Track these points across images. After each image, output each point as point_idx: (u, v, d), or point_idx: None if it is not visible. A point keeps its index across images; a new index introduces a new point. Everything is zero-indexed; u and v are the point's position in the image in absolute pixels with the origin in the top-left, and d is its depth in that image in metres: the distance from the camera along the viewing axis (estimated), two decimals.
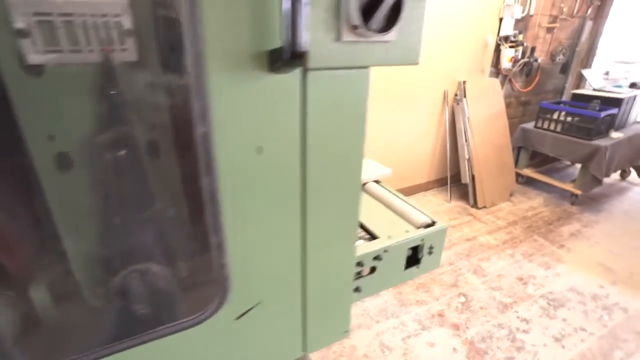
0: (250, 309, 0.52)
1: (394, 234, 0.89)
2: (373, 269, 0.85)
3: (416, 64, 0.48)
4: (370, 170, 1.22)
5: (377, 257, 0.83)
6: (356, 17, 0.38)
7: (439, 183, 3.24)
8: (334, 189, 0.50)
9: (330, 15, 0.38)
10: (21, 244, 0.41)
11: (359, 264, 0.81)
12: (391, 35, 0.43)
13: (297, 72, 0.40)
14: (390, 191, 1.14)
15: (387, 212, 1.03)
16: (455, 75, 2.86)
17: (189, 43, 0.33)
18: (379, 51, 0.43)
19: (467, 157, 2.92)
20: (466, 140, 2.89)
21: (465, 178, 3.00)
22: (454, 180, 3.15)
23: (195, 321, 0.47)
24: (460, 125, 2.93)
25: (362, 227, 0.95)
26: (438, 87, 2.83)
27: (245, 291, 0.50)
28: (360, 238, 0.89)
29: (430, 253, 0.93)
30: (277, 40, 0.36)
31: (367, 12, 0.39)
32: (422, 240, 0.90)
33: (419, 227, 0.93)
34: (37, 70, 0.38)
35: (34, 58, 0.38)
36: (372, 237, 0.91)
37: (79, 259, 0.44)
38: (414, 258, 0.93)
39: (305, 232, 0.51)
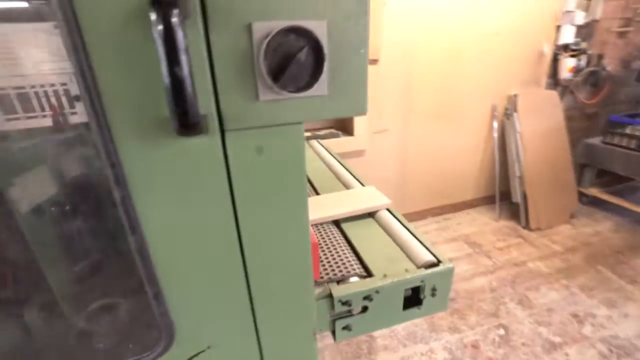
0: (200, 353, 0.50)
1: (391, 273, 0.81)
2: (365, 308, 0.79)
3: (363, 114, 0.43)
4: (367, 200, 1.14)
5: (367, 297, 0.77)
6: (267, 78, 0.35)
7: (487, 200, 2.95)
8: (276, 248, 0.47)
9: (245, 76, 0.36)
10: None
11: (346, 303, 0.76)
12: (319, 90, 0.39)
13: (216, 134, 0.38)
14: (400, 221, 1.06)
15: (392, 245, 0.95)
16: (505, 88, 2.60)
17: (91, 114, 0.33)
18: (311, 106, 0.40)
19: (518, 174, 2.62)
20: (517, 157, 2.60)
21: (516, 197, 2.69)
22: (503, 198, 2.84)
23: (147, 358, 0.47)
24: (510, 141, 2.64)
25: (360, 261, 0.89)
26: (486, 101, 2.60)
27: (192, 335, 0.49)
28: (355, 274, 0.83)
29: (433, 295, 0.84)
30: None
31: (283, 67, 0.35)
32: (423, 281, 0.81)
33: (420, 267, 0.84)
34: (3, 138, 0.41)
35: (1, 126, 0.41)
36: (368, 273, 0.84)
37: (42, 297, 0.47)
38: (415, 298, 0.84)
39: (249, 287, 0.48)
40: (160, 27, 0.28)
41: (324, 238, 0.97)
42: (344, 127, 2.39)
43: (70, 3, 0.30)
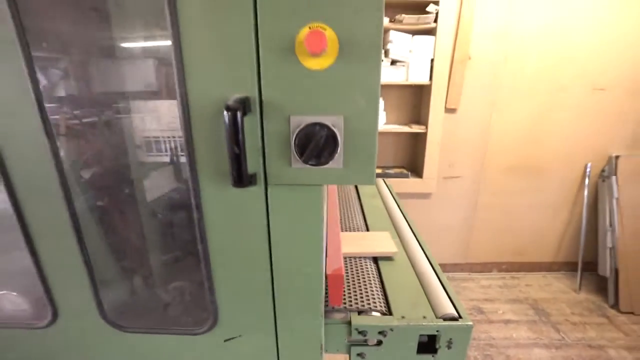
0: (233, 337, 0.64)
1: (409, 316, 0.84)
2: (380, 342, 0.83)
3: (372, 184, 0.52)
4: (373, 245, 1.16)
5: (381, 332, 0.81)
6: (295, 154, 0.48)
7: (568, 267, 2.53)
8: (296, 272, 0.58)
9: (283, 150, 0.49)
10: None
11: (362, 332, 0.81)
12: (336, 164, 0.50)
13: (262, 186, 0.52)
14: (433, 267, 1.06)
15: (419, 290, 0.97)
16: (604, 148, 2.26)
17: (189, 170, 0.50)
18: (328, 174, 0.51)
19: (609, 245, 2.20)
20: (611, 226, 2.20)
21: (605, 270, 2.25)
22: (588, 268, 2.40)
23: (197, 332, 0.63)
24: (604, 207, 2.26)
25: (386, 299, 0.93)
26: (577, 158, 2.29)
27: (229, 324, 0.63)
28: (376, 310, 0.88)
29: (449, 347, 0.83)
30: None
31: (305, 147, 0.48)
32: (438, 331, 0.82)
33: (439, 317, 0.85)
34: (142, 165, 0.63)
35: (144, 158, 0.63)
36: (389, 312, 0.88)
37: (150, 277, 0.67)
38: (430, 346, 0.85)
39: (274, 303, 0.61)
40: (227, 121, 0.44)
41: (359, 272, 1.04)
42: (415, 168, 2.40)
43: (187, 103, 0.48)
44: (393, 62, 2.06)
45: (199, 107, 0.48)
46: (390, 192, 1.80)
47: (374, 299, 0.90)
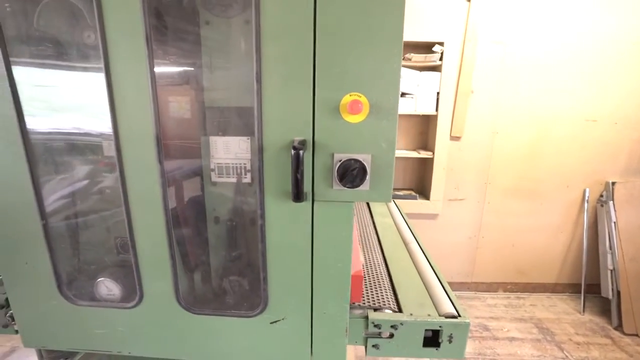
0: (278, 320, 0.83)
1: (416, 314, 1.02)
2: (392, 335, 1.01)
3: (389, 202, 0.73)
4: None
5: (393, 326, 0.99)
6: (337, 180, 0.70)
7: (572, 289, 2.65)
8: (330, 267, 0.79)
9: (327, 177, 0.71)
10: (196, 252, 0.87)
11: (377, 326, 0.99)
12: (364, 187, 0.71)
13: (310, 201, 0.74)
14: (437, 275, 1.24)
15: (424, 292, 1.15)
16: (600, 174, 2.44)
17: (257, 188, 0.72)
18: (359, 194, 0.72)
19: (610, 267, 2.34)
20: (610, 248, 2.34)
21: (607, 292, 2.37)
22: (592, 290, 2.52)
23: (250, 315, 0.82)
24: (603, 230, 2.41)
25: (396, 297, 1.12)
26: (576, 183, 2.47)
27: (275, 308, 0.83)
28: (389, 308, 1.06)
29: (450, 341, 1.00)
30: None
31: (344, 175, 0.70)
32: (440, 327, 0.99)
33: (441, 315, 1.02)
34: (214, 184, 0.85)
35: (215, 179, 0.85)
36: (399, 309, 1.06)
37: (215, 270, 0.88)
38: (434, 340, 1.02)
39: (312, 291, 0.80)
40: (293, 155, 0.66)
41: (373, 275, 1.22)
42: (422, 190, 2.60)
43: (262, 140, 0.70)
44: (402, 95, 2.31)
45: (270, 144, 0.71)
46: (400, 212, 1.99)
47: (387, 298, 1.09)
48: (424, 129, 2.50)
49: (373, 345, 1.03)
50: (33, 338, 0.98)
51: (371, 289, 1.14)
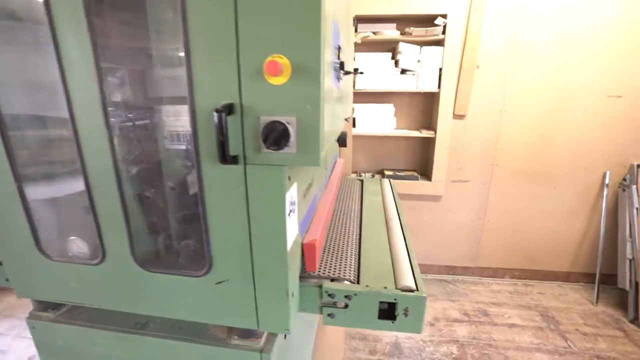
0: (222, 281, 0.87)
1: (372, 285, 1.02)
2: (347, 305, 1.02)
3: (317, 165, 0.73)
4: None
5: (347, 296, 1.00)
6: (261, 142, 0.70)
7: (586, 278, 2.48)
8: (267, 232, 0.80)
9: (256, 139, 0.72)
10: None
11: (331, 295, 1.00)
12: (291, 150, 0.71)
13: (242, 165, 0.75)
14: (408, 250, 1.22)
15: (388, 264, 1.14)
16: (624, 156, 2.22)
17: (194, 153, 0.75)
18: (287, 157, 0.72)
19: (629, 257, 2.16)
20: (631, 237, 2.15)
21: (624, 283, 2.20)
22: (608, 281, 2.35)
23: (197, 275, 0.87)
24: (624, 217, 2.21)
25: (358, 268, 1.12)
26: (595, 166, 2.28)
27: (219, 269, 0.86)
28: (346, 279, 1.06)
29: (405, 315, 0.99)
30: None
31: (268, 137, 0.70)
32: (395, 300, 0.99)
33: (398, 288, 1.01)
34: (168, 150, 0.88)
35: (169, 146, 0.88)
36: (358, 281, 1.06)
37: (167, 231, 0.93)
38: (390, 313, 1.01)
39: (252, 255, 0.83)
40: (216, 119, 0.67)
41: (342, 247, 1.23)
42: (426, 171, 2.52)
43: (195, 107, 0.72)
44: (403, 72, 2.22)
45: (202, 110, 0.72)
46: (392, 192, 1.96)
47: (348, 270, 1.09)
48: (427, 107, 2.40)
49: (328, 314, 1.05)
50: (23, 290, 1.10)
51: (335, 260, 1.15)
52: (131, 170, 0.90)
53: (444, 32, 2.07)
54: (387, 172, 2.50)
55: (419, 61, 2.16)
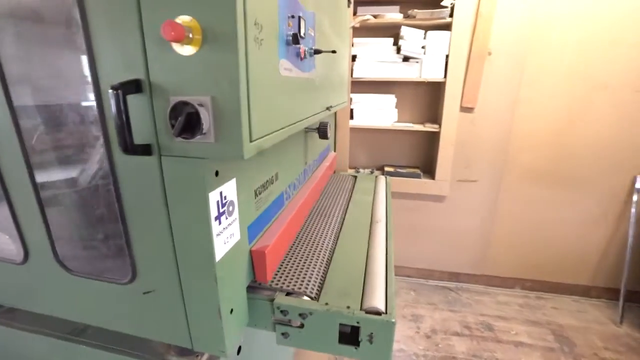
0: (149, 292, 0.74)
1: (333, 304, 0.87)
2: (302, 325, 0.88)
3: (240, 157, 0.58)
4: None
5: (302, 315, 0.85)
6: (170, 128, 0.56)
7: (609, 294, 2.22)
8: (191, 238, 0.67)
9: (167, 124, 0.58)
10: None
11: (283, 312, 0.86)
12: (208, 139, 0.57)
13: (157, 155, 0.61)
14: (387, 251, 1.06)
15: (359, 282, 0.98)
16: None
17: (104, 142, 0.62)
18: (206, 148, 0.58)
19: None
20: None
21: None
22: (633, 298, 2.08)
23: (121, 282, 0.75)
24: None
25: (321, 284, 0.97)
26: (624, 170, 2.01)
27: (145, 278, 0.74)
28: (306, 294, 0.92)
29: (370, 342, 0.84)
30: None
31: (176, 123, 0.56)
32: (358, 323, 0.83)
33: (363, 309, 0.86)
34: None
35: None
36: (318, 297, 0.92)
37: (89, 232, 0.81)
38: (353, 337, 0.86)
39: (177, 264, 0.70)
40: (112, 98, 0.53)
41: (309, 257, 1.08)
42: (430, 169, 2.32)
43: (99, 87, 0.59)
44: (406, 59, 2.02)
45: (107, 88, 0.59)
46: (386, 190, 1.78)
47: (310, 283, 0.94)
48: (433, 99, 2.19)
49: (282, 333, 0.90)
50: None
51: (296, 270, 1.00)
52: (44, 161, 0.79)
53: (451, 15, 1.86)
54: (387, 169, 2.32)
55: (423, 47, 1.96)
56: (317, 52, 0.99)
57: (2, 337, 1.03)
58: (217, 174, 0.66)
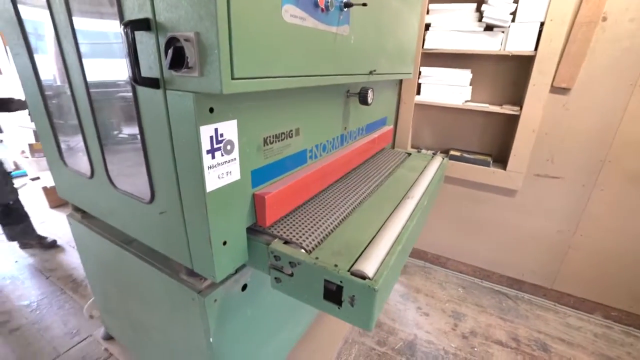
0: (163, 212, 0.87)
1: (323, 259, 0.87)
2: (292, 274, 0.90)
3: (218, 92, 0.61)
4: None
5: (292, 263, 0.88)
6: (164, 62, 0.63)
7: None
8: (189, 166, 0.74)
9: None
10: None
11: (276, 257, 0.90)
12: (194, 73, 0.62)
13: (163, 89, 0.70)
14: (403, 228, 0.99)
15: (361, 245, 0.95)
16: None
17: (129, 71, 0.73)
18: (194, 82, 0.64)
19: None
20: None
21: None
22: None
23: (144, 201, 0.89)
24: None
25: (320, 242, 0.97)
26: None
27: (160, 201, 0.86)
28: (302, 247, 0.93)
29: (351, 304, 0.83)
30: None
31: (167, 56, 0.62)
32: (341, 282, 0.82)
33: (349, 271, 0.84)
34: None
35: None
36: (312, 251, 0.92)
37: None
38: (337, 296, 0.86)
39: (179, 190, 0.79)
40: (123, 35, 0.62)
41: (324, 212, 1.08)
42: (503, 158, 2.01)
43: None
44: (488, 28, 1.74)
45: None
46: (438, 171, 1.62)
47: (309, 238, 0.96)
48: (517, 76, 1.85)
49: (275, 278, 0.95)
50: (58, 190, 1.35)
51: (301, 223, 1.03)
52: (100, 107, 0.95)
53: None
54: (453, 152, 2.10)
55: (512, 13, 1.65)
56: (348, 5, 0.94)
57: (84, 233, 1.33)
58: (211, 110, 0.71)
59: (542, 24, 1.60)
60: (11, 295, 1.99)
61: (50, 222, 2.91)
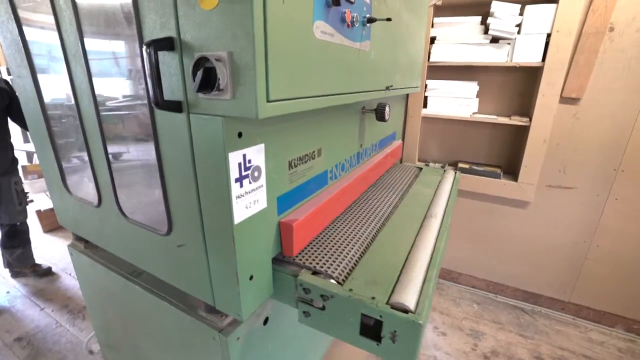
0: (182, 245, 0.79)
1: (358, 291, 0.79)
2: (324, 307, 0.83)
3: (254, 116, 0.55)
4: None
5: (323, 297, 0.80)
6: (192, 84, 0.56)
7: None
8: (214, 198, 0.67)
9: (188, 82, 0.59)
10: None
11: (306, 290, 0.83)
12: (225, 95, 0.56)
13: (186, 112, 0.63)
14: (435, 248, 0.92)
15: (394, 274, 0.88)
16: None
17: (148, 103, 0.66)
18: (224, 105, 0.57)
19: None
20: None
21: None
22: None
23: (160, 233, 0.81)
24: None
25: (352, 269, 0.90)
26: None
27: (179, 231, 0.78)
28: (330, 275, 0.86)
29: (392, 340, 0.75)
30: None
31: (196, 79, 0.56)
32: (381, 317, 0.75)
33: (389, 303, 0.76)
34: None
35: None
36: (344, 282, 0.85)
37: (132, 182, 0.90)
38: (376, 331, 0.78)
39: (202, 222, 0.72)
40: (145, 56, 0.56)
41: (347, 238, 1.01)
42: (513, 170, 1.98)
43: (142, 43, 0.62)
44: (494, 40, 1.74)
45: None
46: (453, 185, 1.57)
47: (339, 266, 0.88)
48: (524, 88, 1.84)
49: (304, 312, 0.87)
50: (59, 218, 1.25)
51: (328, 251, 0.95)
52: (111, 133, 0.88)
53: None
54: (461, 165, 2.06)
55: (517, 25, 1.65)
56: (371, 20, 0.90)
57: (86, 264, 1.23)
58: (240, 135, 0.64)
59: (548, 35, 1.60)
60: (1, 330, 1.84)
61: (44, 247, 2.76)
